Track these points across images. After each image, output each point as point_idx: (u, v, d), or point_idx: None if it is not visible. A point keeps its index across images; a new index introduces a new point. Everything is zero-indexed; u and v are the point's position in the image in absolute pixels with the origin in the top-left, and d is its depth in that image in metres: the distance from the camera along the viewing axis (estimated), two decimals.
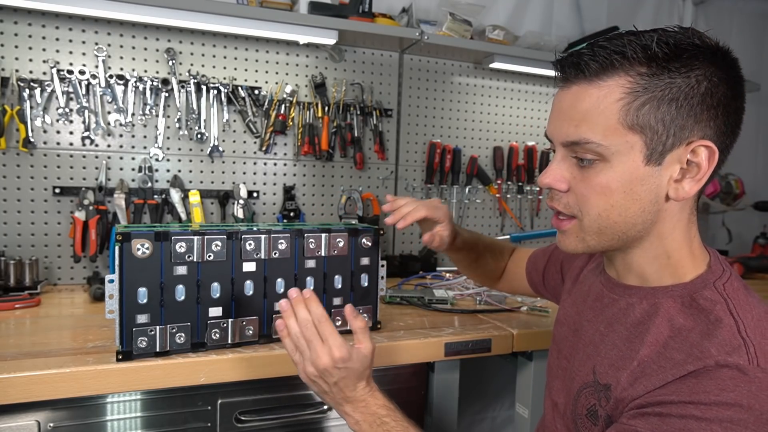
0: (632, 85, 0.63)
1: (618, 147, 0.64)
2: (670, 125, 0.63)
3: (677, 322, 0.65)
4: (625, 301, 0.73)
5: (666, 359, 0.62)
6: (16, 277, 1.41)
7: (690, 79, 0.62)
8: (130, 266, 0.90)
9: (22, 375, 0.85)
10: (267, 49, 1.72)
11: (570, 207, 0.69)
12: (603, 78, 0.64)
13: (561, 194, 0.70)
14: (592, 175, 0.66)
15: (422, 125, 1.96)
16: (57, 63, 1.49)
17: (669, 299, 0.68)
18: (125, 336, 0.90)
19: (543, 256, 1.09)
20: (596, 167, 0.66)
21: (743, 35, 2.45)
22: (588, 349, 0.75)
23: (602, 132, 0.64)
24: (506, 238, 2.07)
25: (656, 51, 0.62)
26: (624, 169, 0.64)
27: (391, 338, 1.10)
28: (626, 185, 0.65)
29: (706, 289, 0.66)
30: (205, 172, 1.68)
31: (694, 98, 0.62)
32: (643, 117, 0.63)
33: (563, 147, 0.68)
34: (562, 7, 2.17)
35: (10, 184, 1.49)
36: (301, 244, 1.04)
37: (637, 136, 0.63)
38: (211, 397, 1.00)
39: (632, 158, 0.64)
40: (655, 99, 0.62)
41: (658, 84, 0.62)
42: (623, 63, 0.63)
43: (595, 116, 0.64)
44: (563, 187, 0.69)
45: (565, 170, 0.69)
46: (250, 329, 1.00)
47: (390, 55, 1.89)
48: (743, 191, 2.30)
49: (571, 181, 0.68)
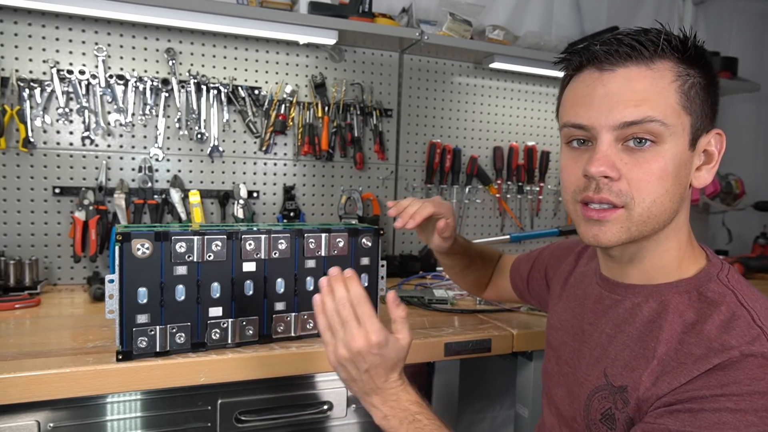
0: (680, 69, 0.65)
1: (676, 128, 0.65)
2: (703, 110, 0.66)
3: (688, 317, 0.65)
4: (630, 301, 0.72)
5: (685, 355, 0.62)
6: (16, 277, 1.41)
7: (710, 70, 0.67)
8: (130, 266, 0.90)
9: (22, 375, 0.85)
10: (267, 49, 1.72)
11: (621, 195, 0.65)
12: (654, 61, 0.65)
13: (611, 182, 0.65)
14: (648, 158, 0.64)
15: (422, 125, 1.96)
16: (57, 63, 1.49)
17: (676, 295, 0.68)
18: (125, 336, 0.90)
19: (527, 262, 1.08)
20: (650, 151, 0.64)
21: (743, 35, 2.45)
22: (595, 352, 0.74)
23: (663, 111, 0.64)
24: (506, 238, 2.07)
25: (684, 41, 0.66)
26: (676, 152, 0.65)
27: None
28: (677, 169, 0.65)
29: (711, 282, 0.67)
30: (205, 172, 1.68)
31: (714, 88, 0.68)
32: (692, 98, 0.65)
33: (614, 131, 0.65)
34: (562, 7, 2.17)
35: (10, 184, 1.49)
36: (301, 244, 1.04)
37: (688, 117, 0.65)
38: (211, 397, 1.00)
39: (683, 141, 0.65)
40: (697, 84, 0.66)
41: (694, 71, 0.66)
42: (668, 50, 0.65)
43: (654, 96, 0.64)
44: (615, 174, 0.65)
45: (614, 156, 0.65)
46: (250, 329, 1.00)
47: (390, 55, 1.89)
48: (743, 191, 2.30)
49: (622, 168, 0.65)
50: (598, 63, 0.67)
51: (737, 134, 2.47)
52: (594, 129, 0.66)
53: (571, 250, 0.96)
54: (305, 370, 1.02)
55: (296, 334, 1.05)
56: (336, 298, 0.75)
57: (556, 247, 1.04)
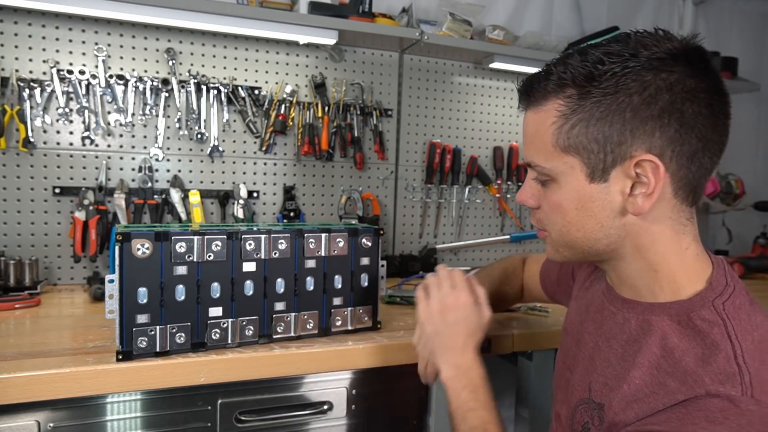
0: (564, 108, 0.64)
1: (559, 168, 0.67)
2: (605, 143, 0.63)
3: (671, 342, 0.62)
4: (622, 315, 0.71)
5: (659, 385, 0.60)
6: (16, 277, 1.41)
7: (618, 95, 0.61)
8: (130, 266, 0.90)
9: (22, 375, 0.85)
10: (267, 49, 1.72)
11: (541, 222, 0.74)
12: (543, 103, 0.67)
13: (533, 211, 0.75)
14: (549, 193, 0.70)
15: (422, 125, 1.96)
16: (57, 63, 1.49)
17: (664, 317, 0.65)
18: (125, 336, 0.90)
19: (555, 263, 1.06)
20: (551, 186, 0.69)
21: (743, 35, 2.45)
22: (586, 363, 0.74)
23: (543, 155, 0.68)
24: (506, 238, 2.07)
25: (580, 72, 0.62)
26: (570, 188, 0.67)
27: (391, 338, 1.09)
28: (576, 203, 0.67)
29: (704, 309, 0.63)
30: (205, 172, 1.68)
31: (626, 113, 0.61)
32: (575, 138, 0.64)
33: (528, 167, 0.73)
34: (562, 7, 2.17)
35: (10, 184, 1.49)
36: (301, 244, 1.04)
37: (573, 157, 0.65)
38: (211, 397, 1.00)
39: (575, 177, 0.66)
40: (584, 120, 0.63)
41: (585, 105, 0.63)
42: (555, 88, 0.65)
43: (536, 140, 0.68)
44: (533, 204, 0.74)
45: (534, 188, 0.73)
46: (250, 329, 1.00)
47: (390, 55, 1.89)
48: (743, 191, 2.30)
49: (540, 198, 0.73)
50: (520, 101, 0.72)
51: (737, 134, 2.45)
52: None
53: None
54: (305, 370, 1.02)
55: (296, 334, 1.05)
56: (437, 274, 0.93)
57: None
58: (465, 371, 0.84)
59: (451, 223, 2.02)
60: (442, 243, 2.00)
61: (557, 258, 0.75)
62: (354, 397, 1.10)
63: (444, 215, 2.01)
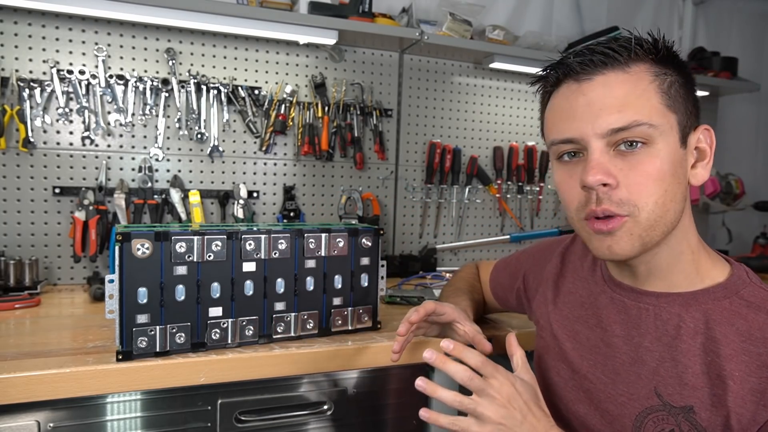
0: (656, 69, 0.66)
1: (663, 127, 0.64)
2: (687, 106, 0.67)
3: (741, 325, 0.63)
4: (666, 311, 0.69)
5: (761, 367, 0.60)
6: (16, 277, 1.41)
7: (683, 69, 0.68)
8: (130, 266, 0.90)
9: (22, 375, 0.85)
10: (267, 49, 1.72)
11: (623, 205, 0.64)
12: (630, 65, 0.66)
13: (611, 191, 0.64)
14: (641, 161, 0.63)
15: (422, 125, 1.96)
16: (57, 63, 1.49)
17: (716, 302, 0.66)
18: (125, 336, 0.90)
19: (504, 269, 1.06)
20: (643, 152, 0.64)
21: (743, 35, 2.45)
22: (637, 368, 0.70)
23: (648, 112, 0.64)
24: (506, 238, 2.07)
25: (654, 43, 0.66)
26: (669, 150, 0.65)
27: (391, 338, 1.09)
28: (673, 167, 0.65)
29: (747, 287, 0.66)
30: (205, 172, 1.68)
31: (691, 85, 0.68)
32: (673, 96, 0.66)
33: (603, 138, 0.64)
34: (562, 7, 2.17)
35: (10, 184, 1.49)
36: (301, 244, 1.04)
37: (674, 115, 0.66)
38: (211, 397, 1.00)
39: (673, 138, 0.65)
40: (675, 82, 0.66)
41: (669, 70, 0.67)
42: (640, 53, 0.66)
43: (636, 99, 0.64)
44: (614, 181, 0.64)
45: (608, 163, 0.64)
46: (250, 329, 1.00)
47: (390, 55, 1.89)
48: (743, 191, 2.30)
49: (618, 174, 0.64)
50: (574, 75, 0.67)
51: (737, 134, 2.47)
52: (583, 140, 0.66)
53: (553, 251, 0.94)
54: (305, 370, 1.02)
55: (296, 334, 1.05)
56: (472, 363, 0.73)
57: (536, 250, 1.02)
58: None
59: (451, 223, 2.02)
60: (442, 243, 2.00)
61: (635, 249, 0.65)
62: (354, 397, 1.10)
63: (444, 215, 2.01)
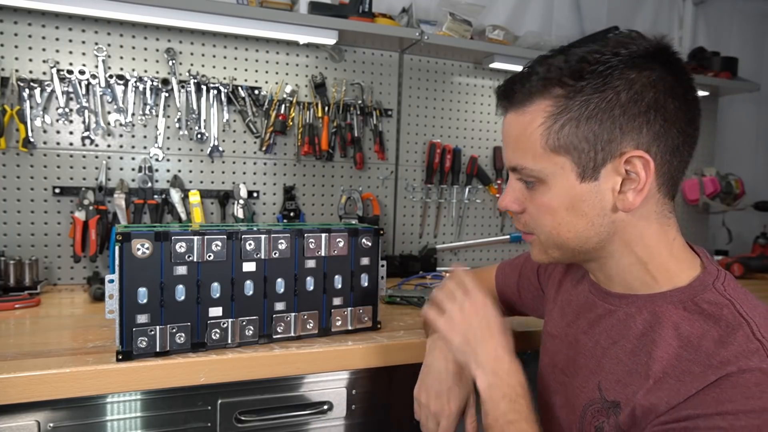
0: (552, 109, 0.64)
1: (549, 169, 0.66)
2: (596, 141, 0.63)
3: (684, 330, 0.62)
4: (623, 311, 0.70)
5: (683, 372, 0.60)
6: (16, 277, 1.41)
7: (606, 92, 0.62)
8: (130, 266, 0.90)
9: (22, 375, 0.85)
10: (267, 49, 1.72)
11: (527, 226, 0.73)
12: (527, 104, 0.66)
13: (517, 215, 0.73)
14: (537, 196, 0.69)
15: (422, 125, 1.96)
16: (57, 63, 1.49)
17: (670, 306, 0.65)
18: (125, 336, 0.90)
19: (512, 270, 1.04)
20: (539, 189, 0.68)
21: (743, 35, 2.45)
22: (590, 363, 0.73)
23: (531, 157, 0.66)
24: (506, 238, 2.07)
25: (566, 72, 0.63)
26: (561, 189, 0.66)
27: (391, 338, 1.09)
28: (567, 203, 0.67)
29: (707, 292, 0.64)
30: (205, 172, 1.68)
31: (615, 110, 0.62)
32: (565, 138, 0.64)
33: (510, 171, 0.72)
34: (562, 7, 2.17)
35: (10, 184, 1.49)
36: (301, 244, 1.04)
37: (563, 157, 0.65)
38: (211, 397, 1.00)
39: (566, 178, 0.66)
40: (573, 119, 0.63)
41: (573, 104, 0.63)
42: (541, 88, 0.65)
43: (523, 143, 0.67)
44: (517, 209, 0.72)
45: (518, 192, 0.72)
46: (250, 329, 1.00)
47: (390, 55, 1.89)
48: (743, 191, 2.30)
49: (524, 201, 0.71)
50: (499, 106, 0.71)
51: (737, 134, 2.47)
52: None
53: None
54: (305, 370, 1.02)
55: (296, 334, 1.05)
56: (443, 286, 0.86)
57: None
58: (504, 378, 0.75)
59: (451, 223, 2.02)
60: (442, 243, 2.00)
61: (545, 260, 0.74)
62: (354, 397, 1.10)
63: (444, 215, 2.01)
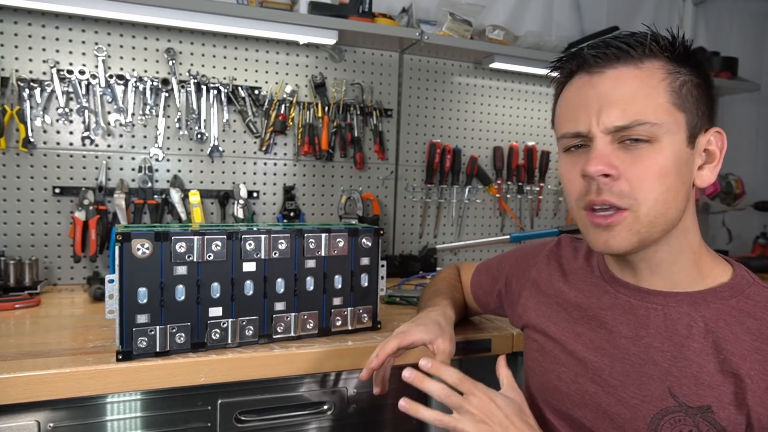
0: (669, 68, 0.65)
1: (669, 125, 0.64)
2: (698, 107, 0.66)
3: (750, 324, 0.64)
4: (675, 311, 0.68)
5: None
6: (16, 277, 1.41)
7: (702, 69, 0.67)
8: (130, 266, 0.90)
9: (22, 375, 0.85)
10: (267, 49, 1.72)
11: (624, 197, 0.64)
12: (644, 61, 0.66)
13: (611, 182, 0.64)
14: (645, 156, 0.63)
15: (422, 125, 1.96)
16: (57, 63, 1.49)
17: (723, 302, 0.66)
18: (125, 336, 0.90)
19: (486, 273, 1.04)
20: (647, 148, 0.64)
21: (743, 35, 2.45)
22: (648, 369, 0.68)
23: (653, 111, 0.64)
24: (506, 238, 2.07)
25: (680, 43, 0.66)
26: (674, 148, 0.64)
27: None
28: (677, 166, 0.65)
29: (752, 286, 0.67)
30: (205, 172, 1.68)
31: (704, 87, 0.67)
32: (684, 96, 0.65)
33: (606, 135, 0.65)
34: (562, 7, 2.17)
35: (10, 184, 1.49)
36: (301, 244, 1.04)
37: (682, 114, 0.65)
38: (211, 397, 1.00)
39: (680, 137, 0.65)
40: (688, 82, 0.66)
41: (685, 70, 0.66)
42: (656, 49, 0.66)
43: (642, 97, 0.64)
44: (615, 172, 0.64)
45: (611, 156, 0.64)
46: (250, 329, 1.00)
47: (390, 55, 1.89)
48: (743, 191, 2.30)
49: (620, 165, 0.64)
50: (587, 67, 0.67)
51: (737, 134, 2.47)
52: (589, 133, 0.66)
53: (537, 254, 0.92)
54: (305, 370, 1.02)
55: (296, 334, 1.05)
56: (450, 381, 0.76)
57: (519, 254, 0.98)
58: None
59: (451, 223, 2.02)
60: (442, 243, 2.00)
61: (632, 243, 0.65)
62: (354, 397, 1.10)
63: (444, 215, 2.01)
